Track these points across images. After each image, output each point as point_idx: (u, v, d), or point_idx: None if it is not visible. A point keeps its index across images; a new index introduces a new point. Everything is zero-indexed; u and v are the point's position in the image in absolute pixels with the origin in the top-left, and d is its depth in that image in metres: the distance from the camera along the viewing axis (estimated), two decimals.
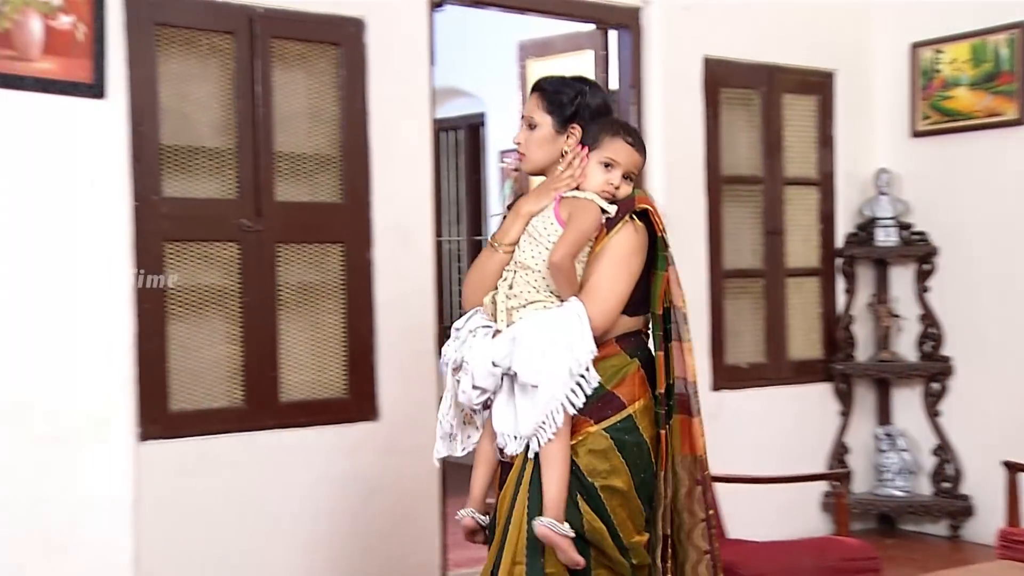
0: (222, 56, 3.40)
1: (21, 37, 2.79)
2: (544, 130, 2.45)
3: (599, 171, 2.38)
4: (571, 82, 2.50)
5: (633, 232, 2.37)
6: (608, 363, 2.36)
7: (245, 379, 3.48)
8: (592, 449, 2.34)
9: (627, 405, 2.37)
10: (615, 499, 2.34)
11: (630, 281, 2.37)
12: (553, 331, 2.28)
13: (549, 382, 2.26)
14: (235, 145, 3.43)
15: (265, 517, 3.47)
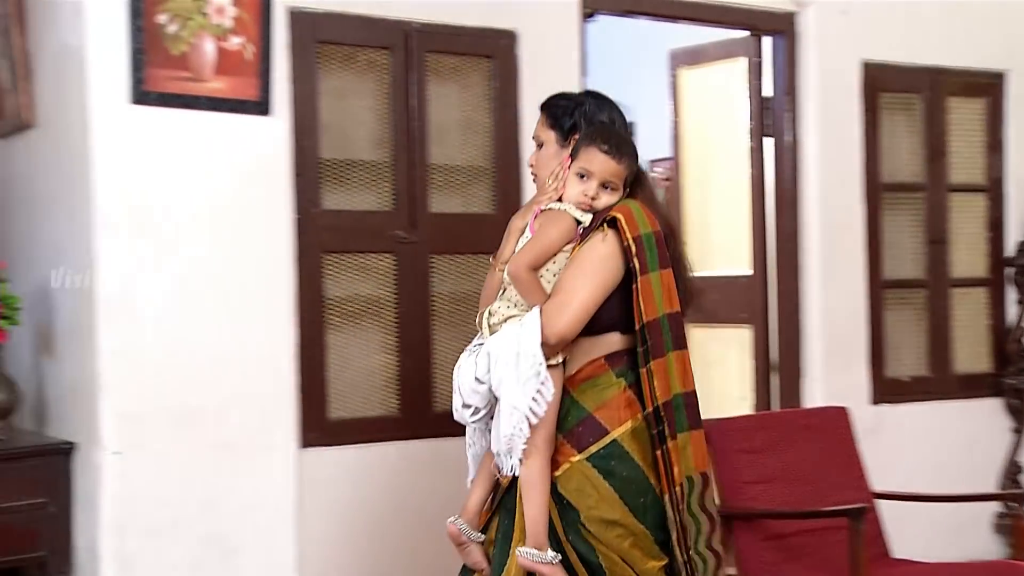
0: (379, 71, 3.47)
1: (196, 59, 2.92)
2: (550, 146, 2.43)
3: (575, 182, 2.32)
4: (571, 96, 2.50)
5: (600, 241, 2.29)
6: (594, 383, 2.31)
7: (400, 388, 3.54)
8: (577, 481, 2.27)
9: (609, 430, 2.28)
10: (609, 530, 2.26)
11: (595, 290, 2.27)
12: (510, 342, 2.23)
13: (509, 393, 2.21)
14: (391, 158, 3.50)
15: (421, 525, 3.51)
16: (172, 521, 3.00)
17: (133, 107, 2.91)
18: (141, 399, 2.97)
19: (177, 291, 3.01)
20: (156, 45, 2.86)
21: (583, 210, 2.31)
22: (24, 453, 3.05)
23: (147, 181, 2.97)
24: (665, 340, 2.29)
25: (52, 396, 3.23)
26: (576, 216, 2.30)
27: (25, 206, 3.33)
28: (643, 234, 2.28)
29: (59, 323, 3.16)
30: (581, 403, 2.29)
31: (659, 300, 2.28)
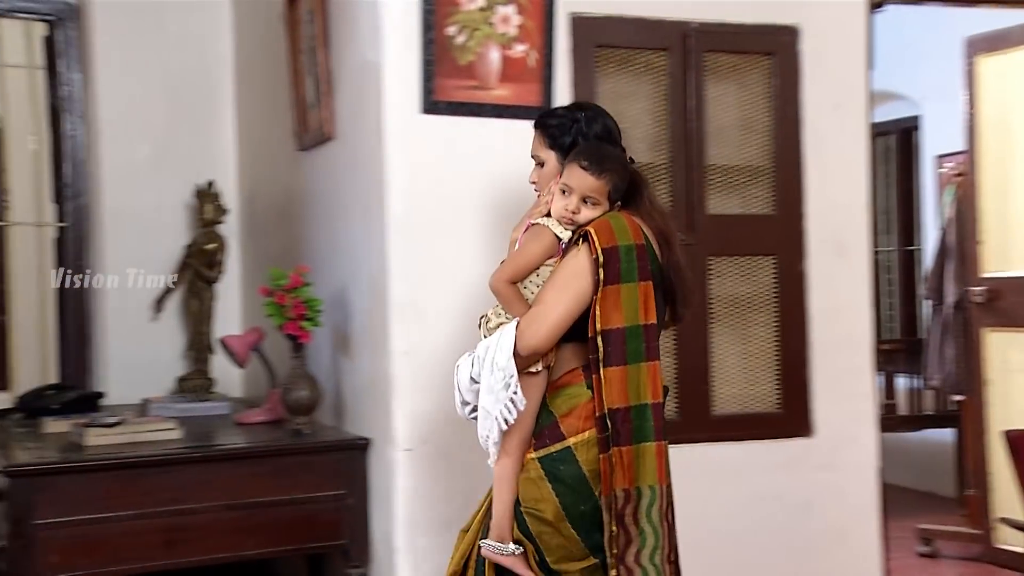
0: (656, 73, 3.46)
1: (482, 68, 3.01)
2: (551, 164, 2.49)
3: (559, 197, 2.39)
4: (567, 112, 2.54)
5: (572, 256, 2.36)
6: (565, 391, 2.39)
7: (679, 392, 3.51)
8: (526, 476, 2.39)
9: (566, 437, 2.36)
10: (541, 526, 2.37)
11: (569, 302, 2.33)
12: (491, 351, 2.34)
13: (483, 398, 2.34)
14: (668, 160, 3.48)
15: (698, 530, 3.46)
16: (460, 518, 3.08)
17: (423, 116, 3.02)
18: (430, 398, 3.07)
19: (463, 293, 3.11)
20: (445, 56, 2.97)
21: (565, 225, 2.40)
22: (326, 447, 3.23)
23: (436, 187, 3.08)
24: (631, 350, 2.34)
25: (349, 394, 3.41)
26: (556, 232, 2.39)
27: (325, 214, 3.54)
28: (621, 245, 2.34)
29: (355, 325, 3.33)
30: (551, 409, 2.39)
31: (629, 310, 2.33)
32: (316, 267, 3.44)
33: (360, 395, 3.32)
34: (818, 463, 3.55)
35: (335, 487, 3.18)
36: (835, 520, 3.56)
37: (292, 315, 3.23)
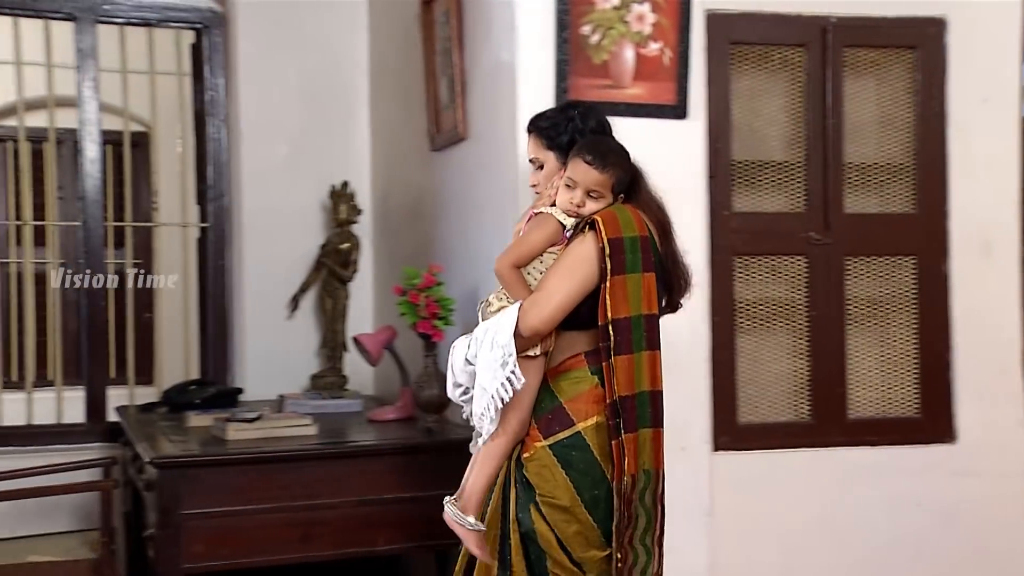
0: (792, 69, 3.39)
1: (616, 66, 3.00)
2: (551, 165, 2.53)
3: (564, 191, 2.46)
4: (561, 112, 2.57)
5: (578, 243, 2.42)
6: (569, 376, 2.44)
7: (812, 394, 3.45)
8: (540, 465, 2.41)
9: (576, 422, 2.41)
10: (558, 514, 2.39)
11: (572, 287, 2.39)
12: (490, 331, 2.37)
13: (482, 376, 2.37)
14: (803, 158, 3.41)
15: (832, 536, 3.40)
16: None
17: None
18: None
19: None
20: (579, 55, 2.97)
21: (571, 215, 2.45)
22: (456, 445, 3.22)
23: None
24: (636, 339, 2.39)
25: None
26: (561, 220, 2.45)
27: (458, 213, 3.58)
28: (626, 237, 2.40)
29: None
30: (555, 393, 2.44)
31: (635, 301, 2.39)
32: (448, 266, 3.48)
33: None
34: (961, 470, 3.44)
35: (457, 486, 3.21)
36: (978, 530, 3.44)
37: (425, 314, 3.27)
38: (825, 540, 3.40)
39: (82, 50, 4.35)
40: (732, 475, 3.31)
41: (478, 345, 2.43)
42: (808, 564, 3.38)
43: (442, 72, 3.57)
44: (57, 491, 3.80)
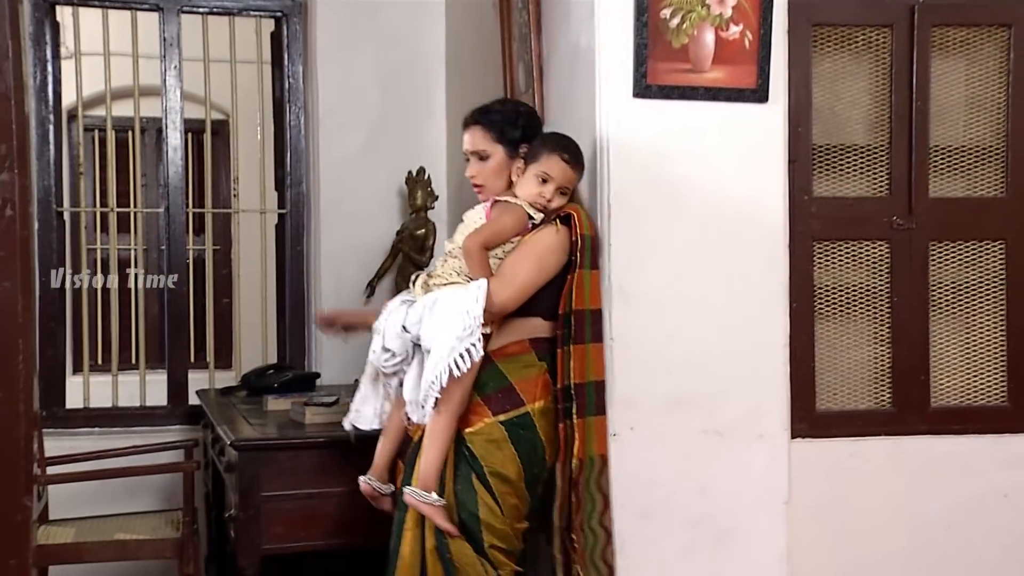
0: (877, 51, 3.32)
1: (696, 50, 2.96)
2: (497, 158, 2.65)
3: (534, 183, 2.59)
4: (508, 107, 2.74)
5: (552, 232, 2.58)
6: (517, 360, 2.58)
7: (893, 382, 3.38)
8: (488, 439, 2.54)
9: (526, 403, 2.57)
10: (504, 486, 2.54)
11: (539, 273, 2.56)
12: (452, 301, 2.46)
13: (439, 345, 2.43)
14: (887, 141, 3.34)
15: (913, 526, 3.34)
16: (664, 504, 3.07)
17: (636, 100, 3.00)
18: (637, 385, 3.05)
19: (673, 279, 3.07)
20: (658, 39, 2.94)
21: (537, 209, 2.58)
22: None
23: (647, 172, 3.05)
24: (588, 331, 2.61)
25: None
26: (530, 212, 2.57)
27: None
28: (587, 235, 2.62)
29: None
30: (504, 373, 2.56)
31: (588, 295, 2.61)
32: None
33: None
34: None
35: None
36: None
37: None
38: (905, 532, 3.34)
39: (166, 40, 4.43)
40: (810, 463, 3.26)
41: (424, 312, 2.51)
42: (887, 556, 3.33)
43: (519, 58, 3.56)
44: (141, 472, 3.89)
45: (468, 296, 2.49)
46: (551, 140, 2.68)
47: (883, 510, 3.33)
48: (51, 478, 3.70)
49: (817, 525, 3.26)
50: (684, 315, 3.09)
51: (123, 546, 3.56)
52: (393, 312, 2.60)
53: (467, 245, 2.56)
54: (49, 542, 3.52)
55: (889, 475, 3.35)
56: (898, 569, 3.34)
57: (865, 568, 3.32)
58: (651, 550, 3.05)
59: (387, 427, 2.73)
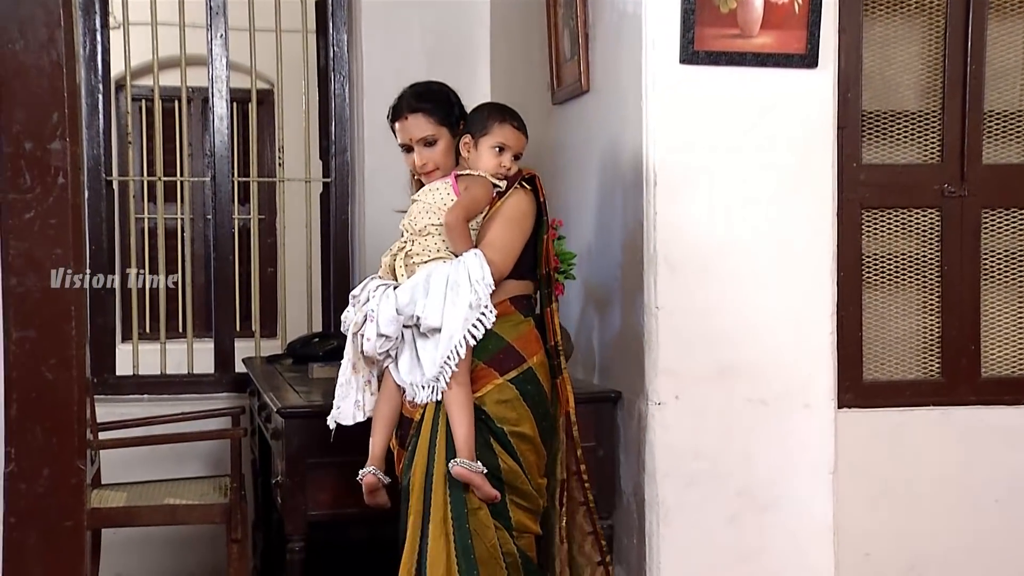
0: (930, 14, 3.27)
1: (744, 15, 2.92)
2: (444, 140, 2.67)
3: (491, 154, 2.64)
4: (436, 88, 2.75)
5: (524, 195, 2.65)
6: (507, 320, 2.61)
7: (942, 352, 3.35)
8: (500, 399, 2.58)
9: (527, 359, 2.62)
10: (524, 444, 2.59)
11: (521, 238, 2.63)
12: (452, 275, 2.50)
13: (451, 318, 2.48)
14: (939, 107, 3.30)
15: (962, 497, 3.32)
16: (710, 473, 3.07)
17: (682, 67, 2.97)
18: (682, 354, 3.05)
19: (719, 247, 3.06)
20: (706, 4, 2.90)
21: (499, 178, 2.63)
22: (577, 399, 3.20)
23: (693, 139, 3.03)
24: (549, 291, 2.71)
25: (600, 347, 3.43)
26: (494, 181, 2.62)
27: (579, 167, 3.56)
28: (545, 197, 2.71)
29: (608, 279, 3.34)
30: (500, 334, 2.59)
31: (550, 256, 2.71)
32: (568, 220, 3.47)
33: (612, 349, 3.34)
34: None
35: (585, 439, 3.14)
36: None
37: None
38: (954, 502, 3.32)
39: (213, 9, 4.45)
40: (857, 433, 3.25)
41: (417, 291, 2.52)
42: (936, 526, 3.31)
43: (564, 24, 3.54)
44: (190, 438, 3.95)
45: (471, 266, 2.52)
46: (496, 111, 2.71)
47: (931, 481, 3.31)
48: (103, 443, 3.75)
49: (863, 495, 3.25)
50: (729, 284, 3.07)
51: (173, 511, 3.61)
52: (382, 298, 2.59)
53: (449, 220, 2.58)
54: (102, 506, 3.58)
55: (937, 446, 3.32)
56: (946, 540, 3.31)
57: (913, 539, 3.30)
58: (696, 518, 3.06)
59: (377, 417, 2.71)
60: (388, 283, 2.63)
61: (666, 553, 3.04)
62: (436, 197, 2.64)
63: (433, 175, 2.70)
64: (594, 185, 3.41)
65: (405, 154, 2.74)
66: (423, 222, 2.63)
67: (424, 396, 2.57)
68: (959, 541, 3.32)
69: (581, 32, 3.35)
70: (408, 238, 2.66)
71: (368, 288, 2.65)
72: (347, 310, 2.69)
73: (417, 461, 2.61)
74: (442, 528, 2.55)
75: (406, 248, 2.64)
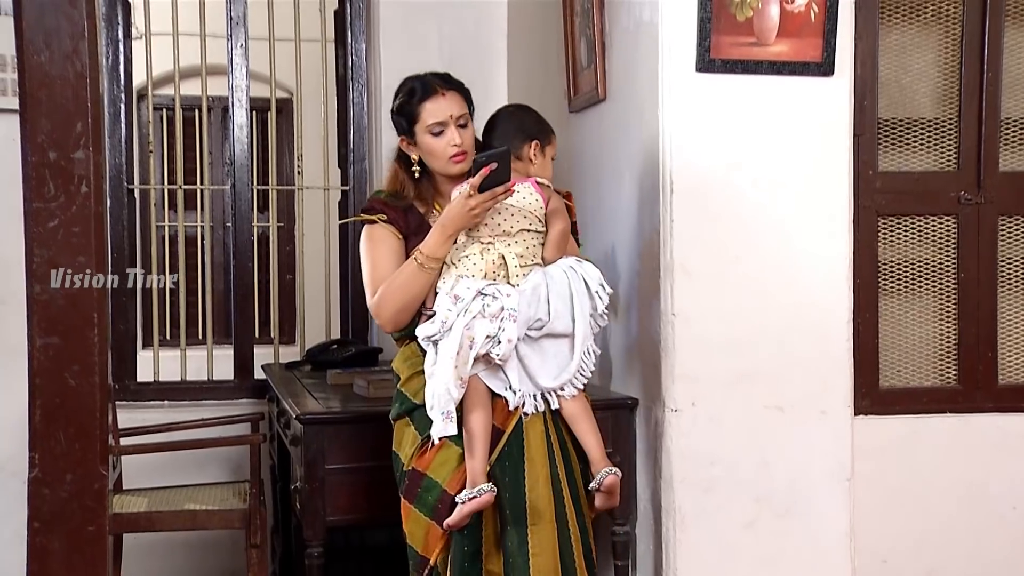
0: (947, 21, 3.27)
1: (760, 24, 2.94)
2: (471, 126, 2.59)
3: (550, 165, 2.64)
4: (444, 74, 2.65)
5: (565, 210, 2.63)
6: None
7: (959, 359, 3.35)
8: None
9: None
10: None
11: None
12: (575, 282, 2.47)
13: (580, 325, 2.44)
14: (956, 114, 3.30)
15: (978, 504, 3.31)
16: (726, 479, 3.08)
17: (699, 75, 2.99)
18: (699, 360, 3.06)
19: (736, 255, 3.07)
20: (723, 13, 2.92)
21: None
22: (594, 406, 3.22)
23: (710, 147, 3.04)
24: None
25: (616, 354, 3.45)
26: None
27: (595, 175, 3.58)
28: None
29: (624, 286, 3.35)
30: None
31: None
32: (584, 228, 3.48)
33: (628, 355, 3.35)
34: None
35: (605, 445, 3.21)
36: None
37: None
38: (971, 510, 3.31)
39: (233, 19, 4.49)
40: (873, 440, 3.24)
41: (543, 294, 2.45)
42: (953, 535, 3.30)
43: (581, 33, 3.56)
44: (209, 444, 3.98)
45: (589, 275, 2.51)
46: (543, 121, 2.64)
47: (948, 488, 3.30)
48: (124, 449, 3.79)
49: (880, 502, 3.24)
50: (746, 291, 3.08)
51: (193, 516, 3.64)
52: (519, 299, 2.41)
53: (567, 228, 2.60)
54: (124, 511, 3.61)
55: (954, 453, 3.32)
56: (964, 547, 3.31)
57: (930, 546, 3.30)
58: (713, 525, 3.06)
59: (477, 431, 2.43)
60: (500, 285, 2.43)
61: (683, 559, 3.05)
62: (525, 201, 2.51)
63: (464, 162, 2.56)
64: (611, 193, 3.43)
65: (431, 137, 2.57)
66: (519, 225, 2.49)
67: (533, 405, 2.48)
68: (977, 548, 3.31)
69: (598, 40, 3.37)
70: (498, 239, 2.49)
71: (468, 290, 2.41)
72: (436, 318, 2.43)
73: (540, 474, 2.46)
74: (578, 538, 2.49)
75: (513, 249, 2.48)
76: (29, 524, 1.80)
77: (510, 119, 2.62)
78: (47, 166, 1.84)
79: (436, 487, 2.46)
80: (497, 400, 2.47)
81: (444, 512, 2.43)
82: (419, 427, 2.49)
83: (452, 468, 2.45)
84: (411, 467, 2.51)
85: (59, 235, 1.85)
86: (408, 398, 2.56)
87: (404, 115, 2.61)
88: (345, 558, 3.79)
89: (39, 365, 1.84)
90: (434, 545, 2.46)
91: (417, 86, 2.60)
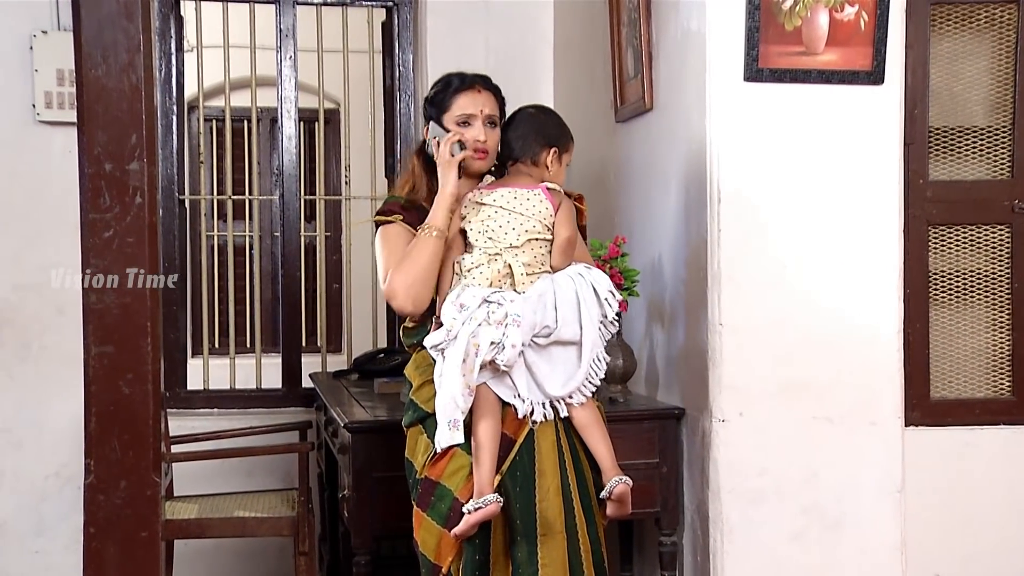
0: (1000, 28, 3.23)
1: (809, 33, 2.92)
2: (498, 131, 2.55)
3: (564, 171, 2.56)
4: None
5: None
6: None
7: (1014, 370, 3.30)
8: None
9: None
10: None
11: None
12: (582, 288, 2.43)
13: (588, 332, 2.41)
14: (1009, 122, 3.26)
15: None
16: (774, 490, 3.06)
17: (746, 84, 2.98)
18: (746, 370, 3.04)
19: (784, 264, 3.05)
20: (771, 22, 2.91)
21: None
22: (641, 416, 3.25)
23: (758, 156, 3.03)
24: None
25: (663, 363, 3.44)
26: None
27: (642, 184, 3.57)
28: None
29: (671, 295, 3.34)
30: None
31: None
32: (631, 237, 3.48)
33: (675, 365, 3.34)
34: None
35: (648, 455, 3.20)
36: None
37: None
38: (1023, 523, 3.26)
39: (282, 31, 4.54)
40: (924, 451, 3.21)
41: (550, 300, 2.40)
42: (1006, 549, 3.25)
43: (628, 43, 3.56)
44: (259, 452, 4.01)
45: (598, 282, 2.46)
46: (564, 126, 2.57)
47: (1000, 500, 3.26)
48: (176, 456, 3.84)
49: (932, 515, 3.21)
50: (794, 301, 3.06)
51: (243, 523, 3.67)
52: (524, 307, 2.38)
53: (574, 236, 2.51)
54: (175, 517, 3.66)
55: (1007, 465, 3.27)
56: (1016, 561, 3.26)
57: (982, 559, 3.25)
58: (761, 536, 3.04)
59: (485, 440, 2.40)
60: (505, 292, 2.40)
61: (730, 570, 3.03)
62: (534, 209, 2.44)
63: (486, 161, 2.54)
64: (657, 202, 3.42)
65: (456, 126, 2.53)
66: (526, 235, 2.43)
67: (542, 414, 2.45)
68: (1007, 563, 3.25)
69: (644, 50, 3.37)
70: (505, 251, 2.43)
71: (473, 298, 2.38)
72: (443, 328, 2.39)
73: (550, 484, 2.42)
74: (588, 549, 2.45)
75: (520, 259, 2.43)
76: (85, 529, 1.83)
77: (531, 121, 2.56)
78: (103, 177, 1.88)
79: (449, 495, 2.44)
80: (508, 409, 2.44)
81: (456, 520, 2.40)
82: (431, 435, 2.49)
83: (464, 476, 2.43)
84: (424, 475, 2.50)
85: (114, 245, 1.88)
86: (419, 406, 2.56)
87: (435, 104, 2.59)
88: (392, 567, 3.80)
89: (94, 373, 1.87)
90: (447, 553, 2.45)
91: (455, 79, 2.59)
